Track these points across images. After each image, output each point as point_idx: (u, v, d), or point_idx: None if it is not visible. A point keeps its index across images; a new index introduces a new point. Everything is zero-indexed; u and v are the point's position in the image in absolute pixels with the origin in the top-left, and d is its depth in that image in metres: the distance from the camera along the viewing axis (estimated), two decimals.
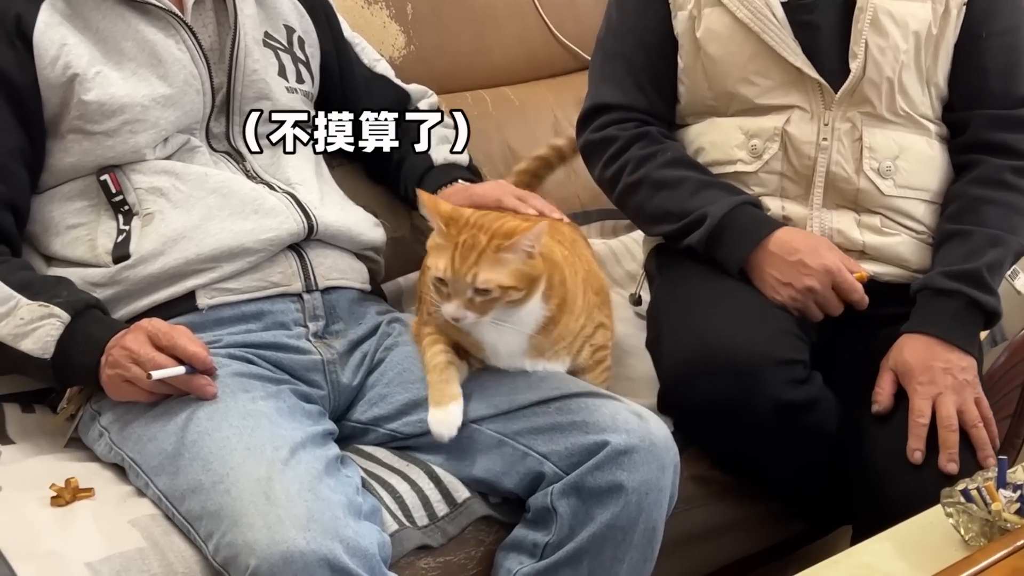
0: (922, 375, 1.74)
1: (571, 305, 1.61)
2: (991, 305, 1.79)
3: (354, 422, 1.73)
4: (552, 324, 1.60)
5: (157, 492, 1.52)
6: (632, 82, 1.98)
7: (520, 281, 1.52)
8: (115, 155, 1.70)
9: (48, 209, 1.73)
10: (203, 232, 1.68)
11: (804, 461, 1.83)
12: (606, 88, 2.00)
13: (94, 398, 1.65)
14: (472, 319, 1.52)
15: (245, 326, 1.69)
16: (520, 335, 1.60)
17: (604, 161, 1.97)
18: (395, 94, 2.11)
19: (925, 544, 1.46)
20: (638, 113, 1.97)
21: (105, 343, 1.56)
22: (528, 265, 1.53)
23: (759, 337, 1.75)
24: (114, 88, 1.68)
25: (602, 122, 1.98)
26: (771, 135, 1.89)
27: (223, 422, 1.51)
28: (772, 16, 1.85)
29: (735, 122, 1.93)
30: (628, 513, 1.55)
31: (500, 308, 1.53)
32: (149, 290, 1.67)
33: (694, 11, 1.91)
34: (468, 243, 1.52)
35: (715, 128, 1.95)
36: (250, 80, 1.80)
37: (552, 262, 1.59)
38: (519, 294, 1.53)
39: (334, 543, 1.37)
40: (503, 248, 1.51)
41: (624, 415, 1.59)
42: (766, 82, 1.89)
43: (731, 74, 1.91)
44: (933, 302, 1.80)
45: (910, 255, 1.90)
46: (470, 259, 1.51)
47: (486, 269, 1.50)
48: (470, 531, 1.64)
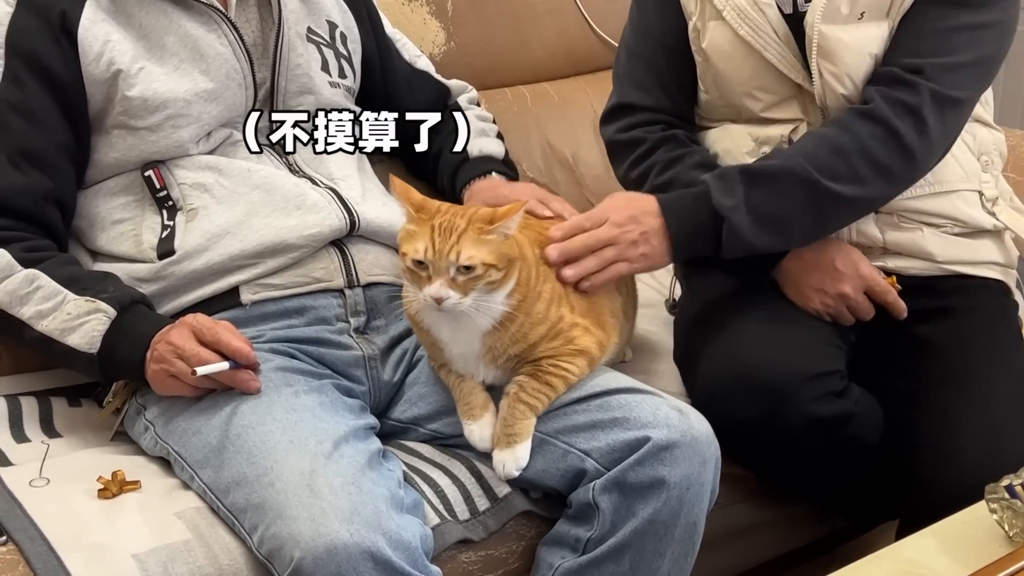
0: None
1: (529, 306, 1.58)
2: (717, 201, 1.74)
3: (394, 421, 1.75)
4: (511, 321, 1.57)
5: (202, 485, 1.54)
6: (655, 83, 1.97)
7: (500, 260, 1.51)
8: (159, 150, 1.72)
9: (93, 204, 1.75)
10: (247, 228, 1.69)
11: (843, 471, 1.84)
12: (631, 88, 2.00)
13: (140, 392, 1.67)
14: (455, 299, 1.50)
15: (288, 321, 1.70)
16: (474, 332, 1.57)
17: (630, 162, 1.97)
18: (436, 90, 2.12)
19: (969, 540, 1.45)
20: (663, 115, 1.97)
21: (150, 338, 1.58)
22: (506, 245, 1.53)
23: (791, 352, 1.75)
24: (157, 84, 1.70)
25: (628, 123, 1.98)
26: (779, 143, 1.88)
27: (267, 416, 1.52)
28: (773, 33, 1.83)
29: (746, 129, 1.92)
30: (669, 508, 1.56)
31: (480, 290, 1.51)
32: (193, 286, 1.69)
33: (698, 23, 1.91)
34: (445, 225, 1.51)
35: (728, 135, 1.95)
36: (293, 75, 1.82)
37: (522, 258, 1.58)
38: (499, 274, 1.52)
39: (377, 536, 1.38)
40: (485, 232, 1.51)
41: (665, 410, 1.59)
42: (769, 97, 1.88)
43: (735, 89, 1.90)
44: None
45: (934, 247, 1.88)
46: (451, 239, 1.50)
47: (468, 246, 1.49)
48: (511, 525, 1.65)
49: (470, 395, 1.63)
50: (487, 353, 1.60)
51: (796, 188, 1.75)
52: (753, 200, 1.74)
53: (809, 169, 1.74)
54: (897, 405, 1.82)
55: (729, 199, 1.74)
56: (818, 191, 1.74)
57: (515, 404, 1.60)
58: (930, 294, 1.87)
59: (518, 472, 1.61)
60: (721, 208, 1.74)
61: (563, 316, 1.62)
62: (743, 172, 1.77)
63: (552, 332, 1.61)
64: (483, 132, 2.06)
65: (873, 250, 1.88)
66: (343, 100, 1.91)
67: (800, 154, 1.77)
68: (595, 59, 2.67)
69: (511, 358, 1.61)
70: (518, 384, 1.60)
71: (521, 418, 1.60)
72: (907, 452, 1.78)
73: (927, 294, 1.87)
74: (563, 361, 1.61)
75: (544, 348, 1.60)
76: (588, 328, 1.65)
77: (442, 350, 1.63)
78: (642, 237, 1.74)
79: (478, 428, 1.63)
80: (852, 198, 1.77)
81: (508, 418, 1.60)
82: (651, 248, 1.74)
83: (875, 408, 1.82)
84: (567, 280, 1.67)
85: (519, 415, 1.60)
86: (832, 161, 1.75)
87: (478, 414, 1.63)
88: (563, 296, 1.64)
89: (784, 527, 2.03)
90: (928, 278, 1.89)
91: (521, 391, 1.60)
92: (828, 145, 1.76)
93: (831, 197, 1.75)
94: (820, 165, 1.74)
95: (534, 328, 1.59)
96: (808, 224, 1.79)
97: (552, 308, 1.61)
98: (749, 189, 1.75)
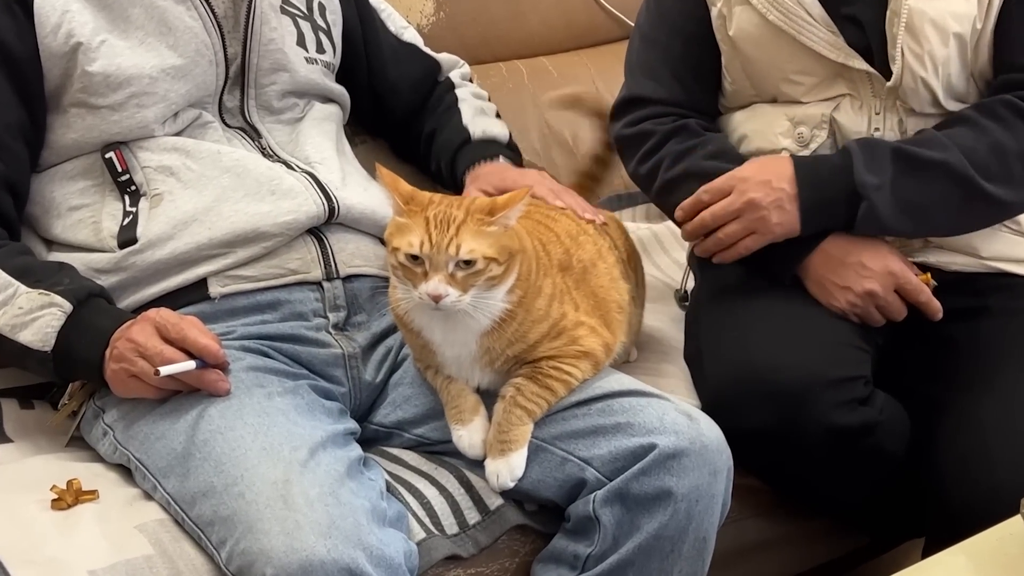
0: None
1: (530, 303, 1.58)
2: (860, 177, 1.77)
3: (377, 425, 1.74)
4: (510, 319, 1.56)
5: (165, 495, 1.53)
6: (669, 73, 1.97)
7: (501, 253, 1.51)
8: (121, 131, 1.71)
9: (49, 189, 1.74)
10: (216, 215, 1.69)
11: (866, 483, 1.83)
12: (642, 79, 2.00)
13: (98, 394, 1.66)
14: (455, 296, 1.49)
15: (260, 316, 1.70)
16: (470, 333, 1.57)
17: (639, 157, 1.97)
18: (424, 64, 2.12)
19: (1003, 558, 1.45)
20: (675, 107, 1.97)
21: (110, 335, 1.57)
22: (507, 237, 1.52)
23: (811, 354, 1.75)
24: (120, 58, 1.70)
25: (637, 116, 1.98)
26: (819, 122, 1.88)
27: (237, 420, 1.52)
28: (807, 15, 1.83)
29: (780, 109, 1.92)
30: (677, 522, 1.55)
31: (479, 287, 1.51)
32: (157, 277, 1.68)
33: (724, 9, 1.91)
34: (442, 216, 1.50)
35: (759, 115, 1.95)
36: (266, 50, 1.81)
37: (522, 251, 1.57)
38: (500, 268, 1.51)
39: (356, 551, 1.38)
40: (485, 223, 1.50)
41: (672, 415, 1.58)
42: (810, 79, 1.88)
43: (771, 75, 1.91)
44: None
45: (979, 241, 1.88)
46: (449, 231, 1.49)
47: (469, 239, 1.49)
48: (504, 541, 1.64)
49: (459, 398, 1.63)
50: (484, 355, 1.59)
51: (950, 182, 1.78)
52: (901, 185, 1.77)
53: (967, 165, 1.77)
54: (925, 413, 1.81)
55: (874, 177, 1.77)
56: (971, 189, 1.78)
57: (511, 409, 1.59)
58: (967, 292, 1.87)
59: (513, 483, 1.60)
60: (864, 186, 1.77)
61: (566, 314, 1.61)
62: (896, 152, 1.79)
63: (554, 331, 1.60)
64: (482, 111, 2.06)
65: (914, 242, 1.88)
66: (321, 77, 1.90)
67: (959, 147, 1.79)
68: (598, 31, 2.68)
69: (508, 360, 1.60)
70: (515, 387, 1.60)
71: (517, 424, 1.59)
72: (935, 463, 1.78)
73: (964, 292, 1.87)
74: (565, 363, 1.61)
75: (545, 348, 1.60)
76: (595, 328, 1.64)
77: (434, 353, 1.62)
78: (774, 204, 1.77)
79: (468, 433, 1.62)
80: (1001, 200, 1.81)
81: (503, 424, 1.59)
82: (785, 216, 1.78)
83: (901, 416, 1.81)
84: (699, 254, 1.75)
85: (515, 420, 1.59)
86: (990, 160, 1.79)
87: (468, 418, 1.62)
88: (565, 292, 1.63)
89: (801, 544, 2.03)
90: (968, 275, 1.89)
91: (518, 394, 1.59)
92: (988, 141, 1.79)
93: (982, 196, 1.79)
94: (977, 162, 1.78)
95: (534, 327, 1.59)
96: (951, 219, 1.83)
97: (554, 305, 1.60)
98: (899, 172, 1.78)
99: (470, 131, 2.00)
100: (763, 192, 1.78)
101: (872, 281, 1.82)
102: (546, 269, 1.62)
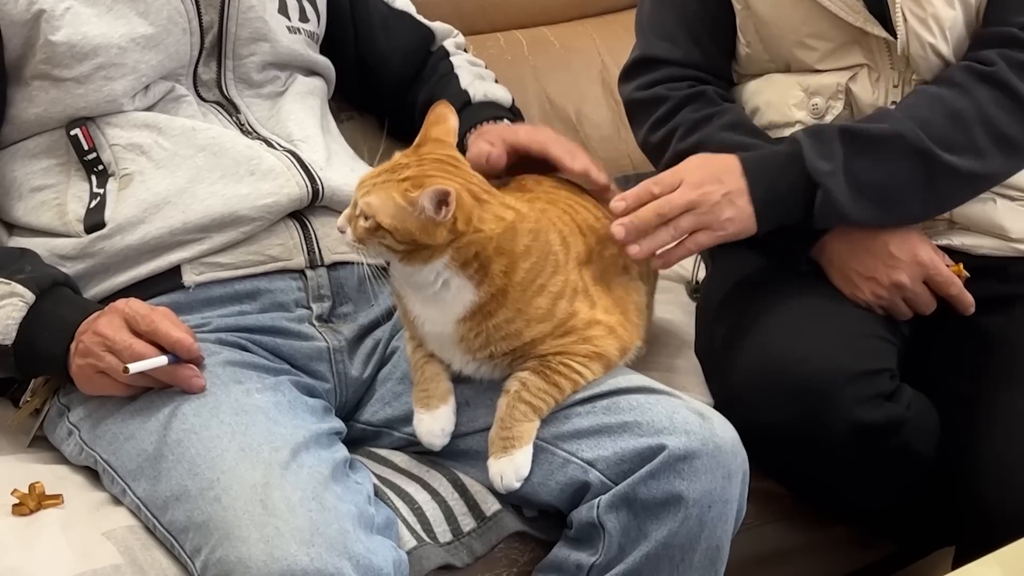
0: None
1: (524, 303, 1.57)
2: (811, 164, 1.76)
3: (364, 424, 1.75)
4: (482, 316, 1.56)
5: (135, 500, 1.54)
6: (685, 33, 1.97)
7: (401, 236, 1.50)
8: (87, 105, 1.71)
9: (9, 168, 1.74)
10: (190, 197, 1.69)
11: (893, 487, 1.84)
12: (655, 39, 2.00)
13: (62, 390, 1.66)
14: (350, 237, 1.53)
15: (238, 307, 1.70)
16: (445, 314, 1.58)
17: (651, 124, 1.97)
18: (417, 33, 2.11)
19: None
20: (692, 70, 1.97)
21: (75, 327, 1.57)
22: (422, 227, 1.50)
23: (832, 346, 1.75)
24: (87, 27, 1.69)
25: (651, 79, 1.98)
26: (834, 93, 1.88)
27: (212, 419, 1.52)
28: None
29: (794, 78, 1.92)
30: (688, 529, 1.55)
31: (379, 250, 1.52)
32: (127, 264, 1.68)
33: None
34: (398, 164, 1.55)
35: (771, 85, 1.95)
36: (245, 18, 1.81)
37: (504, 247, 1.56)
38: (397, 247, 1.51)
39: (342, 560, 1.38)
40: (406, 193, 1.50)
41: (683, 414, 1.58)
42: (825, 44, 1.88)
43: (785, 37, 1.91)
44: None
45: (1009, 222, 1.88)
46: (382, 177, 1.52)
47: (377, 194, 1.50)
48: (501, 549, 1.65)
49: (431, 382, 1.64)
50: (461, 342, 1.60)
51: (906, 157, 1.77)
52: (854, 166, 1.76)
53: (922, 136, 1.76)
54: (956, 410, 1.82)
55: (825, 163, 1.76)
56: (931, 162, 1.77)
57: (515, 404, 1.59)
58: (1000, 279, 1.87)
59: (519, 483, 1.60)
60: (816, 172, 1.76)
61: (576, 312, 1.61)
62: (844, 132, 1.78)
63: (559, 330, 1.60)
64: (480, 77, 2.06)
65: (937, 224, 1.88)
66: (304, 48, 1.90)
67: (912, 118, 1.78)
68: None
69: (500, 355, 1.60)
70: (520, 381, 1.60)
71: (522, 419, 1.59)
72: (968, 465, 1.78)
73: (996, 279, 1.87)
74: (576, 361, 1.61)
75: (551, 345, 1.60)
76: (612, 328, 1.64)
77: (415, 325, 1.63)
78: (726, 199, 1.75)
79: (429, 419, 1.63)
80: (969, 173, 1.79)
81: (506, 419, 1.59)
82: (737, 211, 1.75)
83: (931, 413, 1.81)
84: (634, 257, 1.68)
85: (519, 416, 1.59)
86: (948, 129, 1.77)
87: (434, 404, 1.63)
88: (581, 291, 1.63)
89: (823, 552, 2.03)
90: (998, 260, 1.89)
91: (523, 390, 1.59)
92: (945, 110, 1.78)
93: (945, 170, 1.77)
94: (935, 133, 1.77)
95: (531, 326, 1.59)
96: (916, 199, 1.81)
97: (561, 304, 1.60)
98: (850, 153, 1.76)
99: (470, 94, 1.99)
100: (714, 186, 1.74)
101: (900, 272, 1.82)
102: (559, 266, 1.62)
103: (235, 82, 1.83)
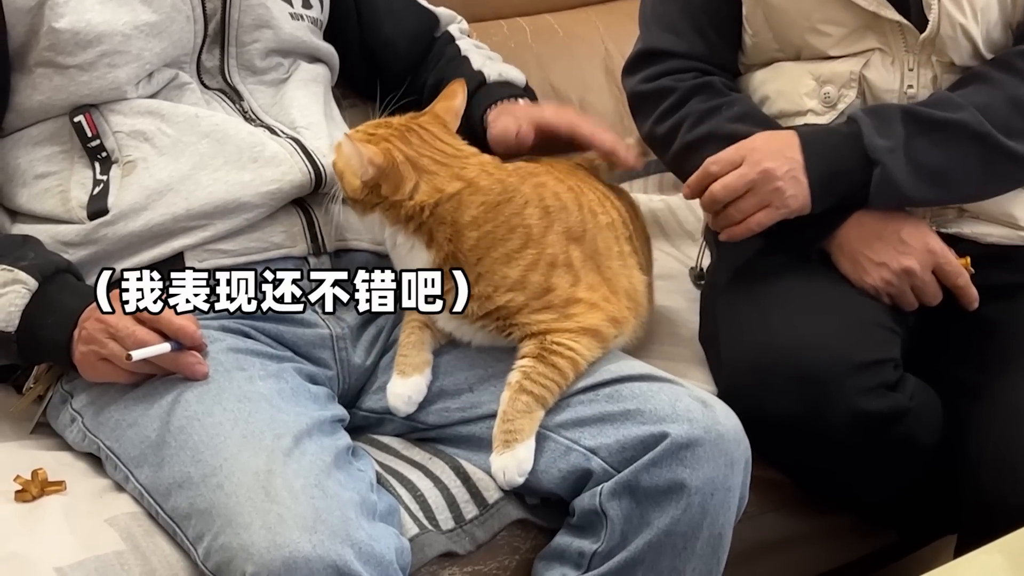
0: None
1: (470, 268, 1.60)
2: (871, 141, 1.78)
3: (366, 411, 1.75)
4: (446, 275, 1.61)
5: (138, 486, 1.54)
6: (690, 25, 1.97)
7: (347, 183, 1.63)
8: (91, 92, 1.71)
9: (13, 155, 1.74)
10: (193, 183, 1.69)
11: (895, 476, 1.84)
12: (659, 32, 1.99)
13: (65, 377, 1.66)
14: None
15: None
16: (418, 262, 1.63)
17: (657, 116, 1.96)
18: (422, 18, 2.11)
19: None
20: (697, 62, 1.97)
21: (78, 314, 1.57)
22: (350, 180, 1.62)
23: (836, 334, 1.75)
24: (90, 14, 1.69)
25: (655, 71, 1.98)
26: (847, 81, 1.88)
27: (215, 406, 1.52)
28: None
29: (805, 67, 1.92)
30: (690, 517, 1.55)
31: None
32: (130, 251, 1.68)
33: None
34: (380, 123, 1.66)
35: (781, 74, 1.94)
36: (248, 5, 1.81)
37: (445, 217, 1.60)
38: (344, 190, 1.64)
39: (344, 547, 1.38)
40: (349, 143, 1.59)
41: (686, 402, 1.58)
42: (838, 30, 1.88)
43: (796, 24, 1.90)
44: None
45: (1020, 211, 1.88)
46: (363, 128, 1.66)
47: (343, 143, 1.61)
48: (503, 537, 1.65)
49: (412, 349, 1.68)
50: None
51: (967, 140, 1.79)
52: (915, 147, 1.78)
53: (984, 122, 1.77)
54: (960, 399, 1.82)
55: (885, 140, 1.77)
56: (992, 147, 1.78)
57: (516, 396, 1.60)
58: (1006, 267, 1.87)
59: (522, 478, 1.61)
60: (875, 149, 1.77)
61: (554, 287, 1.62)
62: (907, 112, 1.79)
63: (539, 303, 1.62)
64: (490, 58, 2.06)
65: (947, 212, 1.88)
66: (307, 35, 1.90)
67: (973, 104, 1.79)
68: None
69: (477, 318, 1.63)
70: (522, 371, 1.60)
71: (524, 411, 1.59)
72: (970, 453, 1.78)
73: (1002, 267, 1.87)
74: (565, 337, 1.61)
75: (534, 320, 1.62)
76: (595, 304, 1.65)
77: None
78: (790, 175, 1.77)
79: (401, 384, 1.67)
80: None
81: (508, 412, 1.60)
82: (799, 188, 1.78)
83: (934, 403, 1.81)
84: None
85: (521, 408, 1.59)
86: (1009, 115, 1.79)
87: (409, 372, 1.67)
88: (562, 264, 1.64)
89: (825, 541, 2.04)
90: (1006, 248, 1.89)
91: (524, 379, 1.60)
92: (1005, 96, 1.80)
93: (1006, 155, 1.79)
94: (995, 118, 1.78)
95: (500, 292, 1.61)
96: (971, 181, 1.82)
97: (533, 276, 1.61)
98: (912, 133, 1.78)
99: (485, 73, 1.99)
100: (778, 162, 1.78)
101: (910, 258, 1.82)
102: (529, 239, 1.62)
103: (238, 69, 1.83)
